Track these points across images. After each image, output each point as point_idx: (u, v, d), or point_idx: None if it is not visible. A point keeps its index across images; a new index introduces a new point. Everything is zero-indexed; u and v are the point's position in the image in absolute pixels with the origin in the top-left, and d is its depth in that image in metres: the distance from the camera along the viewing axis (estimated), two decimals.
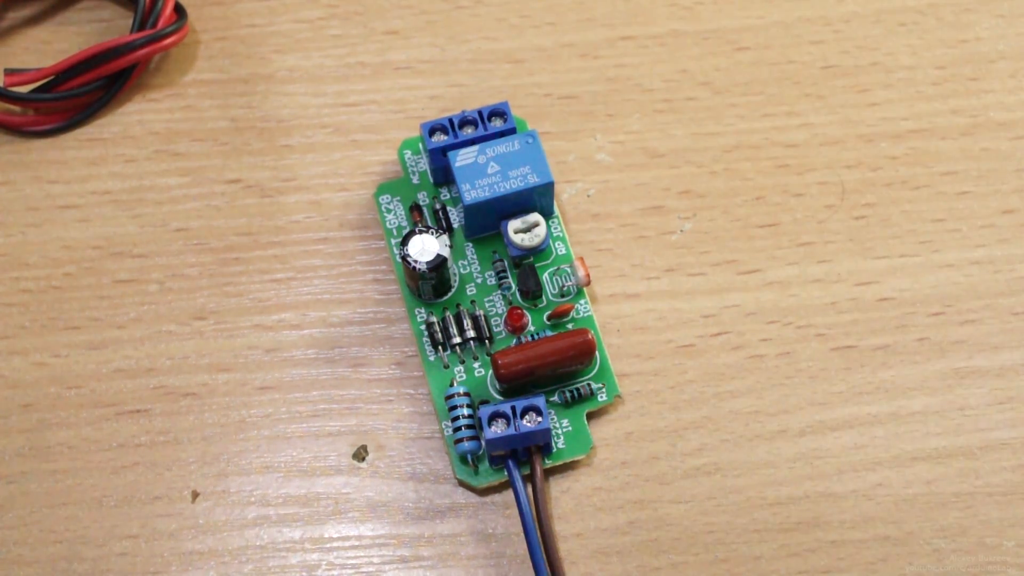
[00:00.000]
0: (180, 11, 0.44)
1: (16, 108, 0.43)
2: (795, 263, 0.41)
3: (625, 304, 0.41)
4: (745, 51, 0.44)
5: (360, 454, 0.39)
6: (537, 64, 0.44)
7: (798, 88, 0.44)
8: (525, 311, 0.40)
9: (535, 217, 0.40)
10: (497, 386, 0.39)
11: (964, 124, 0.43)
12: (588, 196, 0.42)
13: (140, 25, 0.43)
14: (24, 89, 0.43)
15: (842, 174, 0.42)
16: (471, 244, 0.41)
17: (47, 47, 0.45)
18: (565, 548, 0.38)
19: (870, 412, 0.39)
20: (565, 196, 0.42)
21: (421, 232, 0.39)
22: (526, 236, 0.40)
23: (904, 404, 0.39)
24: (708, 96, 0.44)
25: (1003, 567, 0.37)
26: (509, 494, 0.38)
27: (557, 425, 0.39)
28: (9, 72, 0.43)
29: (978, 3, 0.45)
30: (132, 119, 0.44)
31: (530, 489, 0.38)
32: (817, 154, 0.43)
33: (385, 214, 0.41)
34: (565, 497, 0.38)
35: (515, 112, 0.43)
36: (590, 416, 0.39)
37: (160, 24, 0.43)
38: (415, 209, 0.41)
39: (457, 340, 0.39)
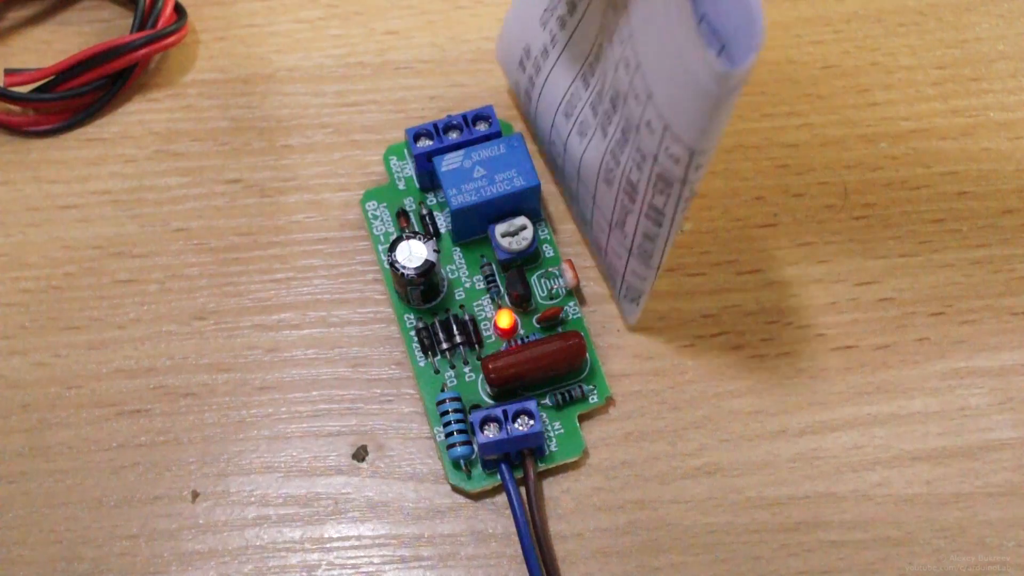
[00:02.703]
0: (180, 11, 0.44)
1: (16, 108, 0.43)
2: (795, 263, 0.41)
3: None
4: None
5: (360, 454, 0.39)
6: None
7: (798, 88, 0.44)
8: (514, 315, 0.40)
9: (522, 220, 0.40)
10: (488, 390, 0.39)
11: (964, 124, 0.43)
12: None
13: (140, 25, 0.43)
14: (24, 89, 0.43)
15: (842, 174, 0.42)
16: (459, 249, 0.41)
17: (47, 47, 0.45)
18: (565, 548, 0.38)
19: (870, 412, 0.39)
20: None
21: (408, 238, 0.39)
22: (513, 240, 0.40)
23: (904, 404, 0.39)
24: None
25: (1003, 567, 0.37)
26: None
27: (549, 428, 0.39)
28: (9, 72, 0.43)
29: (978, 3, 0.45)
30: (132, 119, 0.44)
31: (524, 492, 0.38)
32: (817, 154, 0.43)
33: (372, 220, 0.41)
34: (565, 497, 0.38)
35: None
36: (587, 417, 0.39)
37: (160, 24, 0.43)
38: (402, 215, 0.41)
39: (447, 345, 0.39)
